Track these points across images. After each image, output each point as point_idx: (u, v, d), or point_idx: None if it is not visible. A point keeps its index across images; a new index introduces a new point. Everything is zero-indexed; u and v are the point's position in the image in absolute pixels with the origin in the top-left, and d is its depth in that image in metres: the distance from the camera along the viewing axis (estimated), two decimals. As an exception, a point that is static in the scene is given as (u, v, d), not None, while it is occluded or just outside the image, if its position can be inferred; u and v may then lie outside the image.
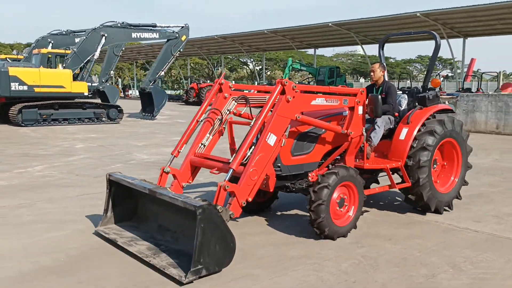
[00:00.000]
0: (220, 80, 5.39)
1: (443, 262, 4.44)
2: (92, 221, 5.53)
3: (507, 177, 8.77)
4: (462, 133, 6.47)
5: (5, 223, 5.56)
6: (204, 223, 3.83)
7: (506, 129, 16.86)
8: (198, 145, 5.23)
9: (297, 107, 4.83)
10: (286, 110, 4.72)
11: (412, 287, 3.89)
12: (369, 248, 4.84)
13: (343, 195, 5.11)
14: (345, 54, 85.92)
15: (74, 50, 20.33)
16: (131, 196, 5.19)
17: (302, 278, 4.04)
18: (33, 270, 4.18)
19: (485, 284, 3.96)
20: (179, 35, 23.20)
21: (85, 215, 5.80)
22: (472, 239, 5.17)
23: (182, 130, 17.58)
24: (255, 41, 40.52)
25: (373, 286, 3.89)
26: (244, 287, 3.86)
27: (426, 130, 5.92)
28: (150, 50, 50.93)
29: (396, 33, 22.86)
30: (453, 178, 6.48)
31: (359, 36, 32.35)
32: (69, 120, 19.31)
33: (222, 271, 4.11)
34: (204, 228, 3.83)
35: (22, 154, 11.01)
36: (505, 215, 6.12)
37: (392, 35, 7.62)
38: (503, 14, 24.60)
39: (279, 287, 3.86)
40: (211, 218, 3.90)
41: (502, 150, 12.67)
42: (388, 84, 6.36)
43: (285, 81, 4.73)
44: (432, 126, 5.96)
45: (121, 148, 12.22)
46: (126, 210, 5.23)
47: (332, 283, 3.95)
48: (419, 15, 25.89)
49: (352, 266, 4.33)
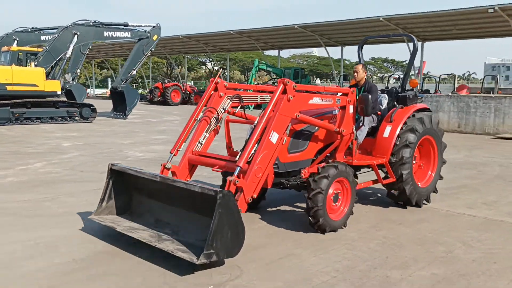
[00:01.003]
0: (216, 80, 5.50)
1: (455, 241, 5.09)
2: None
3: (481, 170, 9.65)
4: (438, 130, 6.91)
5: (39, 215, 5.81)
6: (222, 209, 3.94)
7: (467, 128, 18.07)
8: (195, 144, 5.31)
9: (297, 106, 5.05)
10: (287, 109, 4.92)
11: (437, 260, 4.50)
12: (387, 231, 5.44)
13: (337, 191, 5.34)
14: (301, 56, 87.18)
15: (46, 48, 20.06)
16: (131, 187, 5.21)
17: (341, 255, 4.58)
18: (93, 253, 4.51)
19: (495, 256, 4.63)
20: (151, 35, 23.29)
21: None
22: (471, 222, 5.88)
23: (159, 129, 17.86)
24: (220, 42, 40.80)
25: (404, 260, 4.48)
26: (294, 263, 4.36)
27: (408, 128, 6.26)
28: (110, 48, 50.23)
29: (375, 36, 23.95)
30: (430, 173, 6.87)
31: (323, 38, 33.30)
32: (42, 119, 19.06)
33: (265, 251, 4.59)
34: (221, 214, 3.93)
35: (12, 152, 11.01)
36: (492, 202, 6.89)
37: (371, 37, 8.10)
38: (459, 20, 26.07)
39: (325, 263, 4.38)
40: (229, 205, 4.02)
41: (468, 147, 13.69)
42: (370, 84, 6.64)
43: (287, 80, 4.94)
44: (413, 124, 6.31)
45: (109, 146, 12.37)
46: (123, 201, 5.24)
47: (367, 258, 4.51)
48: (382, 20, 27.00)
49: (379, 245, 4.91)
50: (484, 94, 22.63)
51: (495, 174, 9.24)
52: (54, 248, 4.65)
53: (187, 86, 40.17)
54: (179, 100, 37.70)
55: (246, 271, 4.16)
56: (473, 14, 24.58)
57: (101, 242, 4.84)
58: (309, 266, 4.30)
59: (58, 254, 4.50)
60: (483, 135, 17.15)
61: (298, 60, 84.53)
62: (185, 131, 5.42)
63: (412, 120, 6.43)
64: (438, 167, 6.93)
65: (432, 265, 4.37)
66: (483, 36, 29.92)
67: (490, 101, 17.69)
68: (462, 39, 31.58)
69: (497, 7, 22.51)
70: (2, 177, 8.11)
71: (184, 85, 39.71)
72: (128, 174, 5.05)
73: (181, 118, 23.74)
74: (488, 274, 4.18)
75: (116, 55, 57.01)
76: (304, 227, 5.33)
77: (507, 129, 17.05)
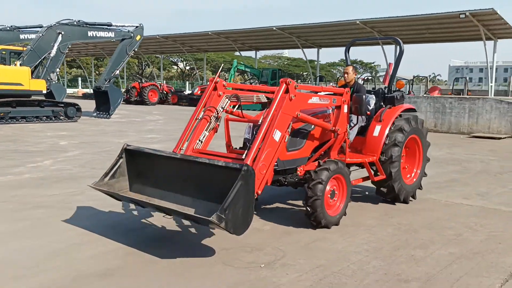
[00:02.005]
0: (215, 79, 5.55)
1: (460, 226, 5.74)
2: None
3: (466, 166, 10.43)
4: (423, 130, 7.18)
5: (76, 207, 6.15)
6: (243, 182, 4.10)
7: (443, 128, 19.04)
8: (196, 142, 5.33)
9: (298, 105, 5.28)
10: (289, 108, 5.12)
11: (450, 242, 5.12)
12: (398, 218, 6.05)
13: (334, 187, 5.55)
14: (272, 57, 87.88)
15: (31, 47, 20.02)
16: (142, 167, 5.26)
17: (366, 238, 5.16)
18: (149, 239, 4.95)
19: (499, 237, 5.30)
20: (134, 35, 23.46)
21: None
22: (470, 210, 6.55)
23: (147, 128, 18.12)
24: (197, 42, 41.15)
25: (422, 242, 5.08)
26: (328, 245, 4.91)
27: (396, 128, 6.54)
28: (83, 47, 49.73)
29: (362, 38, 24.68)
30: (416, 170, 7.18)
31: (300, 40, 34.09)
32: (27, 118, 19.02)
33: (298, 236, 5.11)
34: (241, 187, 4.08)
35: (14, 151, 11.17)
36: (484, 194, 7.61)
37: (358, 40, 8.52)
38: (432, 24, 27.26)
39: (355, 244, 4.95)
40: (249, 181, 4.20)
41: (448, 145, 14.55)
42: (359, 85, 6.86)
43: (289, 80, 5.14)
44: (401, 124, 6.59)
45: (107, 145, 12.62)
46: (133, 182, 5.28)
47: (389, 241, 5.09)
48: (358, 23, 27.96)
49: (396, 230, 5.51)
50: (455, 96, 23.82)
51: (478, 170, 10.02)
52: (106, 235, 5.04)
53: (164, 86, 40.27)
54: (157, 100, 37.77)
55: (288, 252, 4.67)
56: (446, 19, 25.75)
57: (151, 227, 5.27)
58: (342, 248, 4.85)
59: (115, 238, 4.90)
60: (458, 134, 18.12)
61: (269, 61, 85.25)
62: (187, 130, 5.44)
63: (400, 120, 6.71)
64: (423, 164, 7.26)
65: (448, 245, 4.99)
66: (454, 40, 31.31)
67: (464, 102, 18.71)
68: (434, 43, 32.91)
69: (468, 13, 23.69)
70: (18, 174, 8.35)
71: (161, 85, 39.80)
72: (143, 154, 5.15)
73: (163, 117, 24.00)
74: (497, 252, 4.81)
75: (88, 54, 56.46)
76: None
77: (481, 128, 18.08)
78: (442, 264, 4.43)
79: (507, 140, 16.41)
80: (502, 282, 4.07)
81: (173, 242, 4.96)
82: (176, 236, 5.16)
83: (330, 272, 4.19)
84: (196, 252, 4.62)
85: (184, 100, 38.88)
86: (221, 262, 4.37)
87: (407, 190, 6.76)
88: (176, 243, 4.93)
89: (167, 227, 5.39)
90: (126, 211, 6.03)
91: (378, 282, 4.01)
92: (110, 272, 4.10)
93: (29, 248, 4.63)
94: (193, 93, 37.97)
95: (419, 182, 7.18)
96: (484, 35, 25.67)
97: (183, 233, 5.25)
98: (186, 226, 5.45)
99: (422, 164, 7.25)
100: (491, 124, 17.93)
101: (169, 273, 4.12)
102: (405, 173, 6.95)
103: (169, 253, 4.54)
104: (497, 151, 13.22)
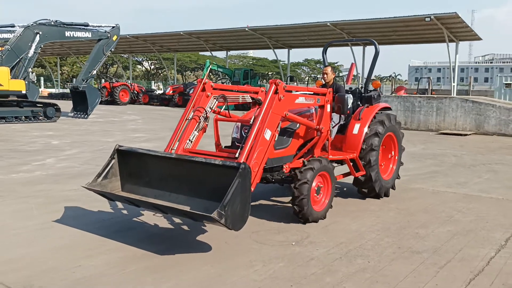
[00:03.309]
0: (204, 80, 5.67)
1: (450, 210, 6.56)
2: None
3: (441, 160, 11.38)
4: (398, 127, 7.49)
5: (104, 200, 6.61)
6: (241, 179, 4.28)
7: (413, 125, 20.17)
8: (186, 141, 5.44)
9: (286, 105, 5.48)
10: (278, 108, 5.31)
11: (445, 222, 5.92)
12: (396, 203, 6.84)
13: (320, 184, 5.80)
14: (237, 56, 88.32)
15: (10, 47, 19.95)
16: (134, 167, 5.39)
17: (373, 220, 5.92)
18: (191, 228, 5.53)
19: (485, 218, 6.15)
20: (111, 35, 23.62)
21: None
22: (455, 197, 7.41)
23: (130, 128, 18.42)
24: (168, 42, 41.24)
25: (422, 223, 5.86)
26: (343, 227, 5.64)
27: (377, 121, 6.87)
28: (49, 46, 48.87)
29: (339, 40, 25.54)
30: (392, 166, 7.50)
31: (271, 41, 34.81)
32: (6, 119, 19.00)
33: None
34: (238, 184, 4.26)
35: (10, 150, 11.41)
36: (463, 183, 8.52)
37: (335, 41, 9.18)
38: (398, 27, 28.50)
39: (366, 226, 5.71)
40: (246, 180, 4.37)
41: (421, 141, 15.59)
42: (338, 85, 7.06)
43: (278, 81, 5.30)
44: (381, 118, 6.97)
45: (99, 144, 12.96)
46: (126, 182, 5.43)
47: (394, 222, 5.86)
48: (329, 25, 28.91)
49: (397, 214, 6.29)
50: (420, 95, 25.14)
51: (453, 163, 10.99)
52: (146, 221, 5.58)
53: (135, 86, 40.23)
54: (128, 100, 37.77)
55: (311, 233, 5.35)
56: (412, 22, 26.99)
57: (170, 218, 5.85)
58: (356, 228, 5.59)
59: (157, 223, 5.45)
60: (427, 131, 19.28)
61: (234, 61, 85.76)
62: (177, 131, 5.54)
63: (380, 115, 7.05)
64: (398, 161, 7.56)
65: (444, 225, 5.79)
66: (419, 42, 32.80)
67: (432, 101, 19.90)
68: (400, 44, 34.31)
69: (433, 16, 24.98)
70: (28, 171, 8.70)
71: (132, 85, 39.78)
72: (135, 155, 5.32)
73: (140, 117, 24.25)
74: (486, 229, 5.64)
75: (54, 53, 55.52)
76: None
77: (447, 126, 19.29)
78: (443, 239, 5.21)
79: (472, 137, 17.62)
80: (496, 251, 4.88)
81: (212, 231, 5.53)
82: (212, 228, 5.72)
83: (352, 247, 4.90)
84: (230, 238, 5.22)
85: (155, 100, 39.02)
86: (256, 242, 5.01)
87: (383, 185, 7.03)
88: (214, 231, 5.50)
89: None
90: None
91: (395, 253, 4.74)
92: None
93: (80, 234, 5.14)
94: (165, 92, 38.17)
95: (394, 179, 7.47)
96: (447, 37, 27.08)
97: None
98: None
99: (397, 161, 7.55)
100: (457, 122, 19.16)
101: (218, 252, 4.72)
102: (382, 169, 7.15)
103: (215, 239, 5.14)
104: (465, 147, 14.32)
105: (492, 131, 18.26)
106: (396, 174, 7.56)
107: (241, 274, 4.19)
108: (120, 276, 4.11)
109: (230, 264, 4.41)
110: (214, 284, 3.98)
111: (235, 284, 3.98)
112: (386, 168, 7.43)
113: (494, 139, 16.75)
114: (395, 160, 7.57)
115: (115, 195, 5.18)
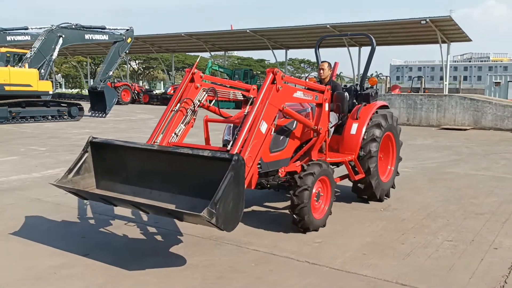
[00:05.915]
0: (192, 70, 5.23)
1: (488, 186, 8.06)
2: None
3: (457, 151, 12.92)
4: (397, 126, 7.23)
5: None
6: (234, 173, 3.79)
7: (415, 121, 21.81)
8: (171, 135, 4.95)
9: (284, 97, 5.01)
10: (276, 99, 4.83)
11: (488, 195, 7.42)
12: (442, 183, 8.32)
13: (320, 189, 5.38)
14: (223, 56, 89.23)
15: (37, 49, 20.92)
16: (109, 160, 4.90)
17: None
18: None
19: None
20: (125, 37, 24.78)
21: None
22: (486, 178, 8.90)
23: (152, 126, 19.53)
24: (167, 43, 42.33)
25: (472, 195, 7.37)
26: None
27: (374, 124, 6.47)
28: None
29: (332, 35, 26.86)
30: (390, 167, 7.16)
31: (270, 42, 36.27)
32: (35, 118, 20.02)
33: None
34: (231, 178, 3.76)
35: (60, 146, 12.54)
36: (487, 168, 10.08)
37: (327, 36, 9.27)
38: (395, 29, 30.26)
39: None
40: (239, 173, 3.87)
41: (429, 135, 17.15)
42: (334, 82, 6.75)
43: (276, 70, 4.82)
44: (378, 120, 6.53)
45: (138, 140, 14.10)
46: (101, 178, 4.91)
47: (449, 194, 7.33)
48: (329, 27, 30.48)
49: (448, 189, 7.78)
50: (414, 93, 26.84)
51: (468, 153, 12.54)
52: (253, 198, 6.84)
53: (135, 85, 41.32)
54: (129, 99, 38.86)
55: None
56: (408, 24, 28.78)
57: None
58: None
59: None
60: (429, 127, 20.91)
61: (219, 60, 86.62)
62: (161, 122, 5.06)
63: (376, 116, 6.64)
64: (396, 162, 7.23)
65: (489, 196, 7.32)
66: (413, 43, 34.75)
67: (433, 99, 21.56)
68: (395, 45, 36.19)
69: (428, 19, 26.74)
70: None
71: (133, 85, 40.81)
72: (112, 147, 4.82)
73: (154, 115, 25.40)
74: (521, 201, 7.17)
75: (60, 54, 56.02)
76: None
77: (447, 121, 20.96)
78: (494, 206, 6.72)
79: (472, 131, 19.30)
80: (539, 212, 6.41)
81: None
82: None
83: (430, 211, 6.34)
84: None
85: (155, 99, 40.11)
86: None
87: (383, 188, 6.74)
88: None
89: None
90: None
91: (463, 214, 6.22)
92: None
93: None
94: (166, 92, 39.27)
95: (393, 180, 7.18)
96: (440, 38, 28.91)
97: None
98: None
99: (396, 161, 7.24)
100: (456, 118, 20.85)
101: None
102: (380, 171, 6.78)
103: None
104: (470, 139, 15.92)
105: (489, 126, 19.97)
106: (395, 173, 7.27)
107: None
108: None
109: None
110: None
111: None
112: (385, 170, 7.09)
113: (492, 133, 18.45)
114: (394, 161, 7.22)
115: (89, 193, 4.63)
